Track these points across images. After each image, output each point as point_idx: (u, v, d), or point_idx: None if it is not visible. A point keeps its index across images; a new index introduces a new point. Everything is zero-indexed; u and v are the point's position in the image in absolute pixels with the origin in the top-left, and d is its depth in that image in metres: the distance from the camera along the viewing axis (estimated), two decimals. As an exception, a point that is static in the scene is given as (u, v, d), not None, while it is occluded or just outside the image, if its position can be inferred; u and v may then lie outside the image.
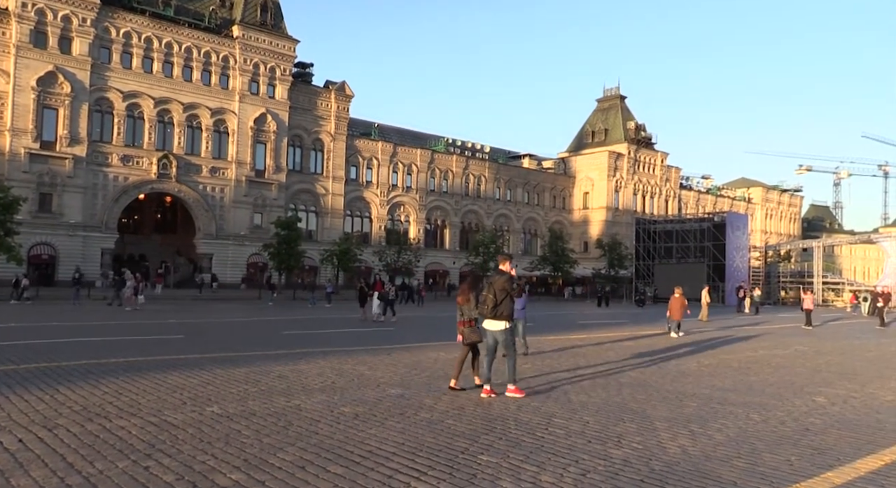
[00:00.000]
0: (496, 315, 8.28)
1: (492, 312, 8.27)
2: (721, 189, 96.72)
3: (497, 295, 8.26)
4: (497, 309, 8.25)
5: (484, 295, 8.38)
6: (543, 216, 76.86)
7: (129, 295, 25.94)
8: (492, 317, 8.31)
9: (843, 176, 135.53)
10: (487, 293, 8.33)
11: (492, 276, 8.60)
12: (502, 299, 8.25)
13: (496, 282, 8.35)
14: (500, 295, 8.26)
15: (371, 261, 56.36)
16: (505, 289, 8.29)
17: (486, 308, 8.29)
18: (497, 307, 8.24)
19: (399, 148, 64.80)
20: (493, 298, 8.26)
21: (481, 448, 5.78)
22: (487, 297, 8.31)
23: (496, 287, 8.30)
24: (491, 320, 8.33)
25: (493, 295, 8.27)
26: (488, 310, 8.29)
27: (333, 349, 13.43)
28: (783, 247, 75.41)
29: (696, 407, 8.04)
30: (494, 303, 8.25)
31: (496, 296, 8.26)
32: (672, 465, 5.40)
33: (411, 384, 9.14)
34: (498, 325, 8.32)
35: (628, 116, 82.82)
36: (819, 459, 5.74)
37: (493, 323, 8.34)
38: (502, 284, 8.30)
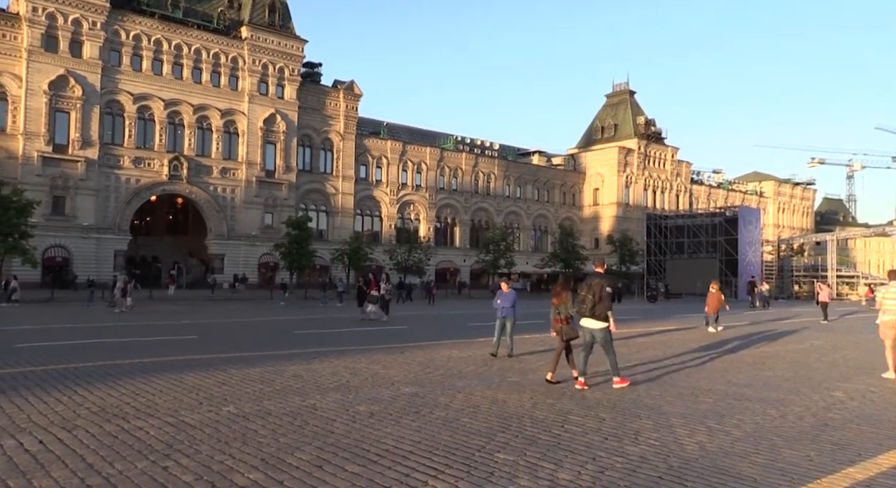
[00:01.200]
0: (595, 314, 8.83)
1: (591, 312, 8.83)
2: (732, 183, 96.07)
3: (596, 295, 8.77)
4: (596, 309, 8.79)
5: (583, 295, 8.87)
6: (553, 213, 76.67)
7: (118, 297, 25.72)
8: (590, 316, 8.87)
9: (856, 168, 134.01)
10: (587, 293, 8.82)
11: (590, 278, 9.06)
12: (601, 300, 8.77)
13: (595, 284, 8.85)
14: (599, 296, 8.76)
15: (382, 260, 56.46)
16: (604, 291, 8.80)
17: (586, 307, 8.83)
18: (595, 307, 8.78)
19: (408, 146, 64.84)
20: (591, 299, 8.78)
21: (498, 446, 5.77)
22: (587, 297, 8.81)
23: (596, 288, 8.80)
24: (590, 319, 8.89)
25: (593, 295, 8.79)
26: (587, 310, 8.83)
27: (347, 348, 13.47)
28: (796, 240, 74.83)
29: (712, 402, 7.99)
30: (593, 303, 8.78)
31: (595, 296, 8.78)
32: (690, 462, 5.37)
33: (425, 382, 9.14)
34: (597, 324, 8.88)
35: (638, 111, 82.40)
36: (839, 455, 5.69)
37: (591, 321, 8.90)
38: (602, 286, 8.81)
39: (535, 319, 23.99)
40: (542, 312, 28.89)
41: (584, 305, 8.85)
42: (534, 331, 17.92)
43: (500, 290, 12.34)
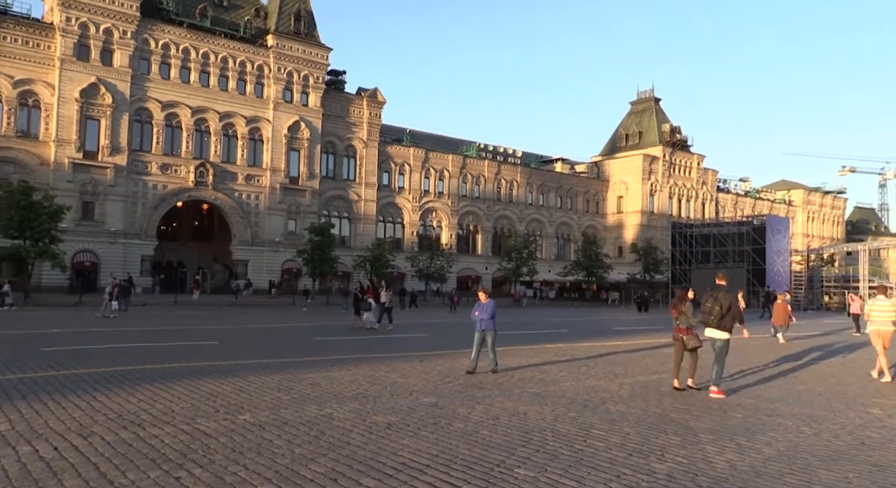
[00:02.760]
0: (721, 326, 9.25)
1: (717, 323, 9.24)
2: (760, 192, 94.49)
3: (724, 308, 9.19)
4: (723, 321, 9.22)
5: (709, 307, 9.31)
6: (577, 220, 76.07)
7: (106, 301, 24.90)
8: (716, 327, 9.28)
9: (889, 176, 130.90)
10: (714, 305, 9.25)
11: (715, 291, 9.44)
12: (727, 312, 9.18)
13: (723, 298, 9.26)
14: (725, 308, 9.17)
15: (404, 267, 56.45)
16: (733, 303, 9.28)
17: (713, 319, 9.24)
18: (723, 319, 9.21)
19: (431, 153, 64.90)
20: (719, 310, 9.20)
21: (518, 461, 5.59)
22: (714, 309, 9.24)
23: (723, 301, 9.22)
24: (715, 329, 9.30)
25: (720, 307, 9.21)
26: (714, 321, 9.24)
27: (366, 356, 13.36)
28: (826, 250, 73.16)
29: (742, 418, 7.71)
30: (721, 315, 9.20)
31: (722, 308, 9.19)
32: (720, 481, 5.14)
33: (444, 392, 8.99)
34: (721, 335, 9.30)
35: (663, 119, 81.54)
36: (879, 476, 5.40)
37: (716, 332, 9.32)
38: (730, 299, 9.27)
39: (558, 328, 23.73)
40: (565, 322, 28.58)
41: (712, 317, 9.23)
42: (558, 341, 17.67)
43: (479, 301, 11.25)
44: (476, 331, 11.05)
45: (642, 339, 18.94)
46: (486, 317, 10.92)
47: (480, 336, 10.98)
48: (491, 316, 10.96)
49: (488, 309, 10.96)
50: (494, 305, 11.13)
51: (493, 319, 11.00)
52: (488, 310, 10.95)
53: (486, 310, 10.95)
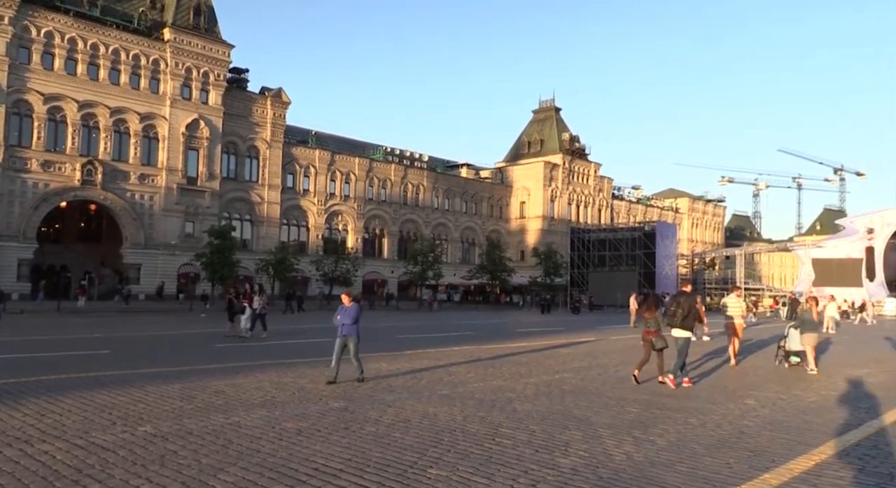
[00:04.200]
0: (683, 326, 10.74)
1: (680, 323, 10.71)
2: (651, 199, 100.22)
3: (685, 310, 10.68)
4: (685, 321, 10.70)
5: (673, 310, 10.81)
6: (481, 225, 77.60)
7: None
8: (679, 327, 10.74)
9: (761, 187, 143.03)
10: (677, 309, 10.75)
11: (679, 297, 11.17)
12: (688, 314, 10.69)
13: (685, 302, 10.85)
14: (687, 310, 10.68)
15: (308, 271, 55.41)
16: (693, 307, 10.84)
17: (676, 320, 10.71)
18: (685, 320, 10.68)
19: (337, 156, 64.18)
20: (681, 313, 10.68)
21: (430, 461, 5.70)
22: (677, 312, 10.71)
23: (685, 305, 10.77)
24: (678, 329, 10.77)
25: (682, 310, 10.70)
26: (678, 322, 10.71)
27: (272, 361, 13.06)
28: (708, 255, 78.73)
29: (638, 412, 8.22)
30: (683, 316, 10.67)
31: (684, 311, 10.68)
32: (619, 472, 5.48)
33: (354, 397, 8.97)
34: (684, 333, 10.79)
35: (563, 128, 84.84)
36: (756, 461, 5.95)
37: (680, 331, 10.78)
38: (691, 303, 10.88)
39: (465, 331, 24.14)
40: (470, 324, 29.05)
41: (675, 318, 10.70)
42: (465, 343, 17.99)
43: (342, 304, 10.42)
44: (337, 337, 10.25)
45: (545, 340, 19.64)
46: (348, 322, 10.19)
47: (342, 342, 10.18)
48: (354, 320, 10.23)
49: (351, 313, 10.23)
50: (358, 309, 10.46)
51: (356, 324, 10.28)
52: (351, 315, 10.22)
53: (349, 315, 10.22)
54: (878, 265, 60.87)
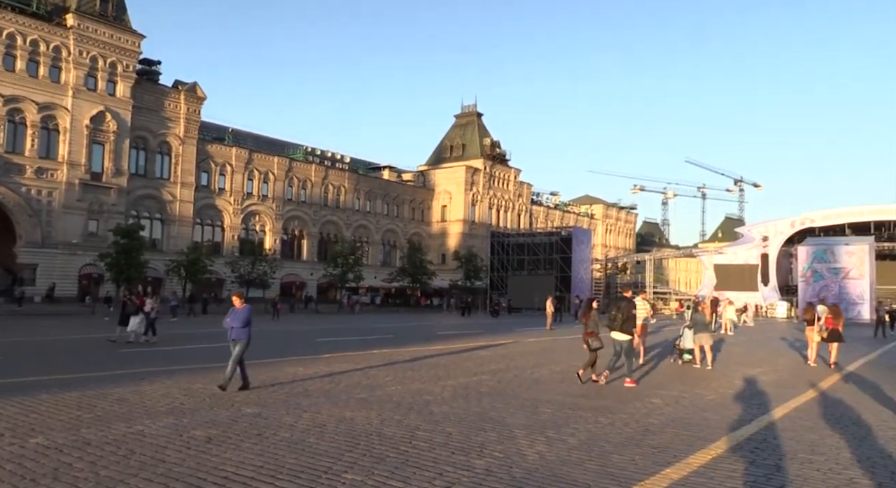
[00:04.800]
0: (622, 329, 11.30)
1: (620, 327, 11.28)
2: (567, 205, 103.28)
3: (624, 315, 11.27)
4: (624, 325, 11.26)
5: (613, 314, 11.39)
6: (403, 228, 77.51)
7: None
8: (619, 331, 11.30)
9: (669, 196, 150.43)
10: (617, 313, 11.32)
11: (619, 302, 11.71)
12: (627, 318, 11.27)
13: (624, 307, 11.41)
14: (626, 315, 11.27)
15: (223, 273, 53.54)
16: (630, 311, 11.45)
17: (616, 324, 11.29)
18: (624, 324, 11.25)
19: (255, 154, 62.38)
20: (620, 317, 11.25)
21: (345, 466, 5.64)
22: (617, 316, 11.28)
23: (624, 310, 11.33)
24: (618, 332, 11.31)
25: (622, 315, 11.27)
26: (617, 325, 11.28)
27: (181, 367, 12.52)
28: (620, 259, 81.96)
29: (551, 413, 8.44)
30: (622, 321, 11.25)
31: (623, 315, 11.27)
32: (532, 472, 5.61)
33: (269, 402, 8.74)
34: (623, 336, 11.31)
35: (484, 133, 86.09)
36: (659, 457, 6.24)
37: (619, 334, 11.33)
38: (629, 308, 11.46)
39: (384, 334, 24.01)
40: (390, 327, 28.97)
41: (615, 322, 11.27)
42: (384, 346, 17.90)
43: (233, 307, 9.96)
44: (230, 341, 9.76)
45: (464, 343, 19.83)
46: (237, 325, 9.63)
47: (233, 346, 9.70)
48: (244, 324, 9.66)
49: (241, 316, 9.68)
50: (250, 311, 9.87)
51: (246, 328, 9.70)
52: (241, 318, 9.67)
53: (239, 317, 9.67)
54: (772, 270, 65.34)
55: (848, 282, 53.68)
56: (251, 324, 9.86)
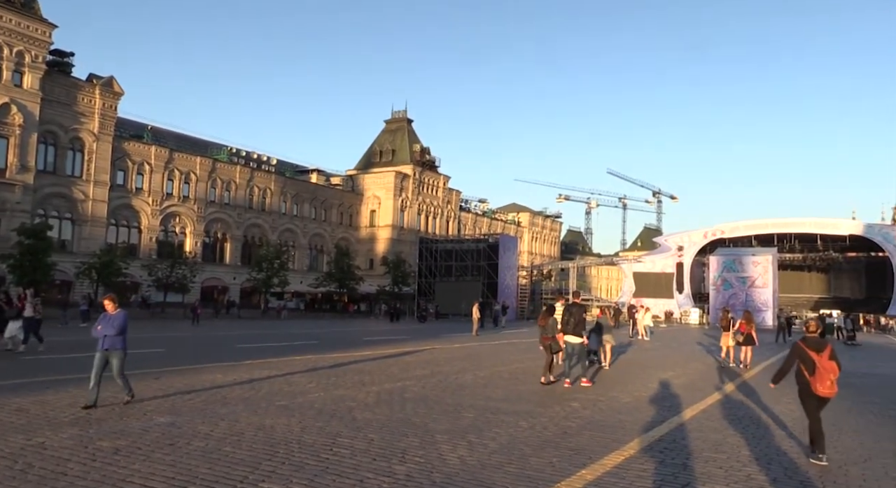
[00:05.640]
0: (575, 332, 12.00)
1: (573, 330, 11.96)
2: (495, 213, 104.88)
3: (576, 319, 11.99)
4: (576, 328, 11.98)
5: (566, 318, 12.05)
6: (330, 232, 76.49)
7: None
8: (573, 334, 11.99)
9: (592, 206, 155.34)
10: (570, 318, 12.00)
11: (571, 307, 12.35)
12: (579, 322, 12.02)
13: (576, 312, 12.12)
14: (578, 319, 11.99)
15: (139, 276, 51.17)
16: (581, 316, 12.18)
17: (570, 327, 11.97)
18: (576, 327, 11.97)
19: (176, 154, 60.05)
20: (573, 321, 11.97)
21: (262, 475, 5.51)
22: (570, 320, 11.97)
23: (576, 314, 12.04)
24: (572, 335, 11.99)
25: (574, 319, 11.98)
26: (570, 329, 11.96)
27: (88, 375, 11.84)
28: (545, 267, 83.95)
29: (473, 417, 8.54)
30: (574, 324, 11.96)
31: (575, 319, 11.97)
32: (452, 476, 5.66)
33: (183, 410, 8.42)
34: (576, 339, 12.03)
35: (414, 139, 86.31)
36: (576, 459, 6.43)
37: (572, 338, 12.01)
38: (580, 313, 12.23)
39: (309, 340, 23.60)
40: (316, 333, 28.49)
41: (568, 326, 11.98)
42: (308, 352, 17.59)
43: (104, 312, 8.84)
44: (97, 351, 8.63)
45: (390, 349, 19.76)
46: (111, 333, 8.53)
47: (102, 357, 8.57)
48: (119, 331, 8.59)
49: (115, 323, 8.58)
50: (125, 318, 8.75)
51: (122, 336, 8.64)
52: (115, 325, 8.57)
53: (113, 325, 8.57)
54: (686, 279, 68.58)
55: (754, 290, 57.00)
56: (126, 332, 8.79)
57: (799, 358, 6.96)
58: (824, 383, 6.68)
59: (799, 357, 6.96)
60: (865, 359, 22.66)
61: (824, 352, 6.80)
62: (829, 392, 6.73)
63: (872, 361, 21.57)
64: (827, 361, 6.74)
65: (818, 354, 6.79)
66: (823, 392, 6.71)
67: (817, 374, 6.72)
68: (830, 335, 35.68)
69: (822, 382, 6.69)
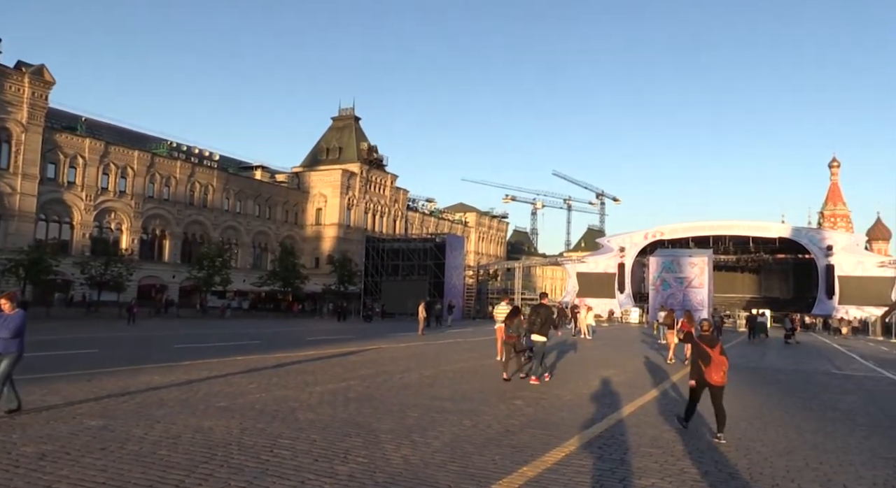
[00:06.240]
0: (540, 332, 12.69)
1: (538, 330, 12.67)
2: (442, 212, 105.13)
3: (543, 319, 12.69)
4: (542, 328, 12.69)
5: (533, 318, 12.75)
6: (275, 230, 75.07)
7: None
8: (538, 333, 12.70)
9: (538, 206, 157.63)
10: (536, 318, 12.69)
11: (538, 308, 13.01)
12: (545, 322, 12.71)
13: (542, 312, 12.81)
14: (543, 319, 12.70)
15: (71, 274, 49.00)
16: (549, 316, 12.92)
17: (536, 327, 12.68)
18: (542, 327, 12.68)
19: (112, 147, 57.75)
20: (540, 321, 12.65)
21: (199, 479, 5.36)
22: (536, 320, 12.66)
23: (542, 314, 12.74)
24: (537, 335, 12.71)
25: (540, 319, 12.66)
26: (537, 329, 12.68)
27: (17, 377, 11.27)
28: (491, 267, 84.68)
29: (418, 417, 8.54)
30: (540, 324, 12.65)
31: (541, 319, 12.67)
32: (395, 476, 5.65)
33: (117, 413, 8.12)
34: (541, 338, 12.75)
35: (362, 137, 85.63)
36: (518, 456, 6.52)
37: (538, 336, 12.73)
38: (547, 313, 12.90)
39: (251, 340, 23.10)
40: (259, 333, 27.95)
41: (535, 326, 12.68)
42: (250, 352, 17.22)
43: (1, 312, 7.94)
44: None
45: (335, 348, 19.55)
46: (5, 335, 7.72)
47: None
48: (14, 333, 7.76)
49: (12, 324, 7.79)
50: (23, 319, 7.94)
51: (18, 338, 7.83)
52: (11, 326, 7.77)
53: (9, 326, 7.78)
54: (627, 279, 70.39)
55: (691, 290, 58.97)
56: (24, 335, 8.01)
57: (697, 353, 8.07)
58: (718, 373, 7.85)
59: (698, 352, 8.07)
60: (792, 356, 23.82)
61: (716, 348, 7.98)
62: (721, 381, 7.89)
63: (797, 359, 22.68)
64: (719, 355, 7.90)
65: (712, 349, 7.94)
66: (717, 380, 7.86)
67: (712, 366, 7.86)
68: (762, 333, 37.31)
69: (716, 372, 7.85)
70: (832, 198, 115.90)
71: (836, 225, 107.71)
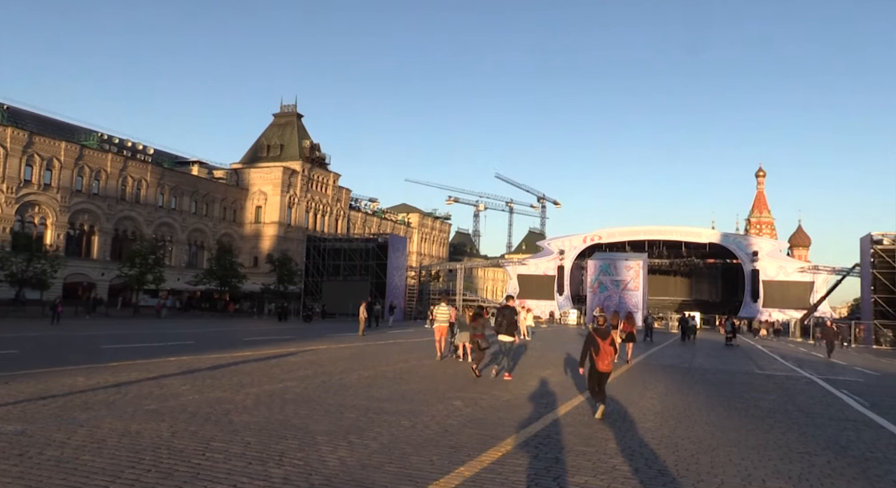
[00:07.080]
0: (507, 332, 13.42)
1: (505, 330, 13.39)
2: (385, 212, 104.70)
3: (508, 320, 13.40)
4: (508, 328, 13.39)
5: (499, 320, 13.48)
6: (212, 228, 73.02)
7: None
8: (505, 333, 13.42)
9: (481, 208, 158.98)
10: (502, 319, 13.40)
11: (504, 309, 13.73)
12: (511, 323, 13.46)
13: (508, 314, 13.52)
14: (510, 320, 13.43)
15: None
16: (513, 317, 13.64)
17: (502, 328, 13.37)
18: (508, 327, 13.38)
19: (37, 138, 54.90)
20: (506, 322, 13.37)
21: (125, 484, 5.16)
22: (503, 322, 13.37)
23: (508, 316, 13.45)
24: (504, 335, 13.43)
25: (506, 320, 13.37)
26: (503, 329, 13.37)
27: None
28: (434, 267, 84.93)
29: (355, 417, 8.47)
30: (507, 325, 13.35)
31: (507, 320, 13.37)
32: (331, 478, 5.58)
33: (36, 417, 7.72)
34: (508, 338, 13.48)
35: (304, 135, 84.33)
36: (455, 456, 6.55)
37: (504, 336, 13.44)
38: (512, 314, 13.61)
39: (185, 340, 22.39)
40: (193, 333, 27.12)
41: (501, 327, 13.36)
42: (183, 353, 16.68)
43: None
44: None
45: (273, 349, 19.17)
46: None
47: None
48: None
49: None
50: None
51: None
52: None
53: None
54: (566, 281, 71.88)
55: (626, 293, 60.73)
56: None
57: (591, 343, 9.15)
58: (605, 361, 9.02)
59: (591, 342, 9.15)
60: (719, 357, 24.85)
61: (607, 339, 9.12)
62: (607, 368, 9.03)
63: (725, 359, 23.68)
64: (608, 346, 9.05)
65: (603, 341, 9.11)
66: (603, 368, 9.03)
67: (600, 355, 9.00)
68: (693, 334, 38.69)
69: (603, 361, 9.01)
70: (758, 205, 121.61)
71: (761, 231, 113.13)
